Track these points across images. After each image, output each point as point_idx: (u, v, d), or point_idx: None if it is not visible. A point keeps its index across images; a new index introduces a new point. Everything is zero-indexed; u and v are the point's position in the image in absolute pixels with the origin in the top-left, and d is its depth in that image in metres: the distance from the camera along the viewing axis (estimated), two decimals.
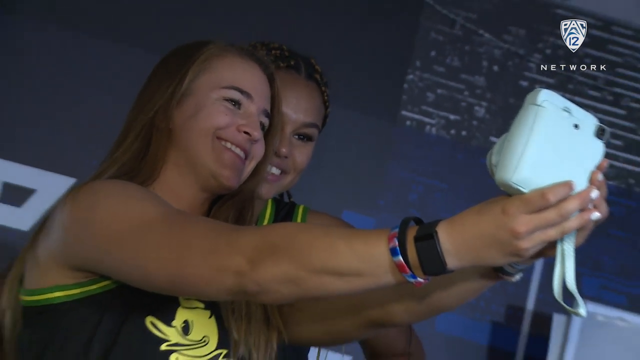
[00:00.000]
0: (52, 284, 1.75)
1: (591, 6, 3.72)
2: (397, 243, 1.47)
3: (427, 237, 1.46)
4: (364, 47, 3.60)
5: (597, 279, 3.71)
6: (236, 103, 1.87)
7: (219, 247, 1.58)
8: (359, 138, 3.58)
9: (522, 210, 1.42)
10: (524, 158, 1.43)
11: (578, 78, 3.76)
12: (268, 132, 1.93)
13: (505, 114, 3.68)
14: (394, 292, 1.69)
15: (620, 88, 3.79)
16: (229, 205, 1.89)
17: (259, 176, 1.92)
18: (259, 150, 1.89)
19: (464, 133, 3.69)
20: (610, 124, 3.72)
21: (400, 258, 1.47)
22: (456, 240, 1.46)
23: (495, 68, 3.72)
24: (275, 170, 2.15)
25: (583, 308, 1.48)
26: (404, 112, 3.66)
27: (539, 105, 1.45)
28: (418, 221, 1.51)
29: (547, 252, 1.48)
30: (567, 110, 1.46)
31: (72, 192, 1.77)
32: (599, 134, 1.48)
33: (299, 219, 2.24)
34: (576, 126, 1.46)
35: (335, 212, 2.48)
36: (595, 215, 1.45)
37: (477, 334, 3.64)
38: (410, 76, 3.66)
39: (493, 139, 3.67)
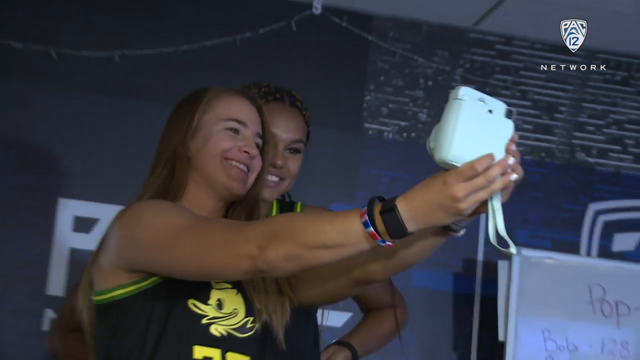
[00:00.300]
0: (114, 285, 1.73)
1: (495, 28, 3.71)
2: (367, 218, 1.46)
3: (389, 210, 1.46)
4: (332, 80, 3.60)
5: (526, 230, 3.69)
6: (235, 130, 1.85)
7: (234, 239, 1.56)
8: (335, 148, 3.58)
9: (458, 180, 1.41)
10: (454, 140, 1.42)
11: (492, 82, 3.75)
12: (262, 150, 1.90)
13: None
14: (370, 255, 1.66)
15: (524, 86, 3.79)
16: (240, 208, 1.87)
17: (260, 183, 1.90)
18: (257, 164, 1.87)
19: (413, 135, 3.68)
20: (521, 114, 3.72)
21: (371, 228, 1.46)
22: (411, 209, 1.45)
23: (430, 83, 3.71)
24: (274, 178, 2.13)
25: (513, 247, 1.46)
26: (366, 125, 3.64)
27: (460, 99, 1.43)
28: (381, 199, 1.50)
29: (481, 209, 1.47)
30: (482, 100, 1.45)
31: (120, 213, 1.76)
32: (508, 114, 1.47)
33: None
34: (490, 111, 1.45)
35: (325, 206, 2.46)
36: (514, 176, 1.44)
37: (443, 283, 3.62)
38: (368, 97, 3.65)
39: None
